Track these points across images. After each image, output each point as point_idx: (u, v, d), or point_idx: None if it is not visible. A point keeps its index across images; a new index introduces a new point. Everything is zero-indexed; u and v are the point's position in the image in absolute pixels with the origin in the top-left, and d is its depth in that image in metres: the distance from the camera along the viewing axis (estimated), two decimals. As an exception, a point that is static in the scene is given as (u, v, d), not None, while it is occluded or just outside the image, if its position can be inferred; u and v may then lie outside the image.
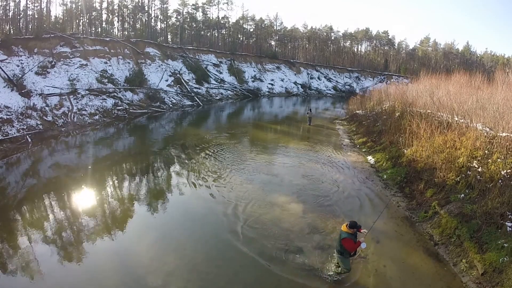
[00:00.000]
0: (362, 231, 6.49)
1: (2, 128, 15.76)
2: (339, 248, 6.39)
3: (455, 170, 9.73)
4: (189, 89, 37.01)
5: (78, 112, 21.59)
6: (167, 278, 6.37)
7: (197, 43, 56.95)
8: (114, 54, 31.96)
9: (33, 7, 38.00)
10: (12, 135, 15.86)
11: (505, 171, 8.30)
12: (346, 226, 6.32)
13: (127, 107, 26.16)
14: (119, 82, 28.79)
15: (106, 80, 27.58)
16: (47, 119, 19.04)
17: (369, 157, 15.63)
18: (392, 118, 17.61)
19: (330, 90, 63.87)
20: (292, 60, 65.90)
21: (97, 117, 22.48)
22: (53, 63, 24.57)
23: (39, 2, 37.89)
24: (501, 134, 9.37)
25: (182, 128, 23.94)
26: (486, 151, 9.33)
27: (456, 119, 11.91)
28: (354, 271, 6.76)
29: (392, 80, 61.17)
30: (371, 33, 78.52)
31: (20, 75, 20.46)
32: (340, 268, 6.55)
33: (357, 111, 27.16)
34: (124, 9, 51.34)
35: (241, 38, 66.91)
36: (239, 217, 9.01)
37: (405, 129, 14.18)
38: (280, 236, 8.06)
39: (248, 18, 67.47)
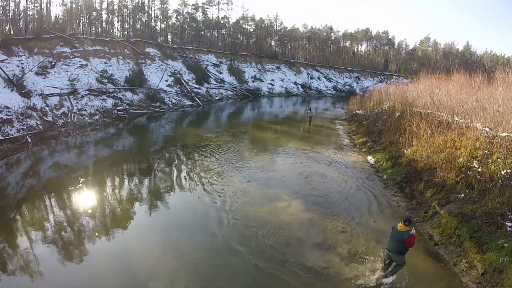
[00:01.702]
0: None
1: (2, 128, 15.75)
2: (399, 249, 6.23)
3: (455, 170, 9.73)
4: (189, 89, 37.02)
5: (78, 112, 21.59)
6: (167, 278, 6.36)
7: (197, 43, 56.94)
8: (114, 54, 31.96)
9: (33, 7, 38.08)
10: (12, 135, 15.86)
11: (505, 171, 8.30)
12: (403, 224, 6.20)
13: (127, 107, 26.16)
14: (119, 82, 28.79)
15: (106, 80, 27.59)
16: (47, 119, 19.04)
17: (369, 157, 15.63)
18: (392, 118, 17.61)
19: (330, 90, 63.89)
20: (292, 60, 65.93)
21: (97, 117, 22.48)
22: (53, 63, 24.56)
23: (39, 2, 37.96)
24: (501, 134, 9.37)
25: (182, 128, 23.94)
26: (486, 151, 9.33)
27: (456, 119, 11.91)
28: (353, 271, 6.76)
29: (392, 80, 61.18)
30: (371, 33, 78.59)
31: (20, 75, 20.45)
32: (395, 267, 6.49)
33: (357, 111, 27.16)
34: (124, 9, 51.39)
35: (241, 38, 66.97)
36: (239, 217, 9.01)
37: (405, 129, 14.18)
38: (280, 236, 8.06)
39: (248, 18, 67.57)
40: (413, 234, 6.20)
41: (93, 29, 45.26)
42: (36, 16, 38.05)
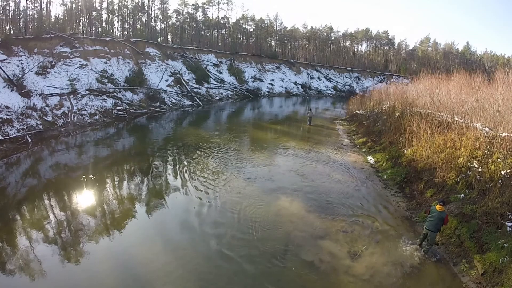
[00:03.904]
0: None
1: (2, 128, 15.75)
2: (438, 227, 7.32)
3: (455, 170, 9.73)
4: (189, 89, 37.00)
5: (78, 112, 21.59)
6: (167, 278, 6.37)
7: (197, 43, 56.95)
8: (114, 54, 31.93)
9: (33, 7, 38.07)
10: (12, 135, 15.85)
11: (505, 171, 8.30)
12: (441, 205, 7.37)
13: (127, 107, 26.15)
14: (119, 82, 28.78)
15: (106, 80, 27.56)
16: (47, 119, 19.04)
17: (369, 157, 15.63)
18: (392, 118, 17.61)
19: (330, 90, 63.88)
20: (292, 60, 65.91)
21: (97, 117, 22.47)
22: (53, 63, 24.55)
23: (39, 2, 37.95)
24: (501, 134, 9.37)
25: (182, 128, 23.93)
26: (486, 151, 9.33)
27: (456, 119, 11.91)
28: (353, 271, 6.77)
29: (392, 80, 61.19)
30: (371, 33, 78.57)
31: (20, 75, 20.44)
32: (429, 240, 7.46)
33: (357, 111, 27.16)
34: (124, 9, 51.38)
35: (241, 38, 66.91)
36: (239, 216, 9.02)
37: (405, 129, 14.17)
38: (280, 235, 8.06)
39: (248, 18, 67.53)
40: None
41: (93, 29, 45.25)
42: (36, 16, 38.03)
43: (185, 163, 13.89)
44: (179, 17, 60.64)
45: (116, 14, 50.72)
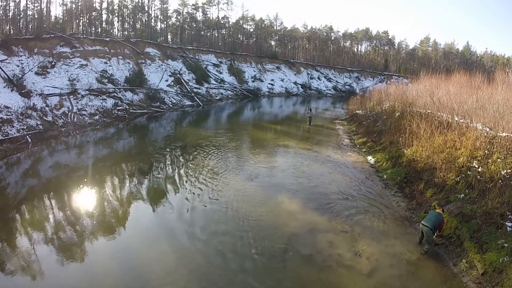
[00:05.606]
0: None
1: (2, 128, 15.75)
2: (435, 225, 7.49)
3: (455, 170, 9.73)
4: (189, 89, 37.00)
5: (78, 112, 21.59)
6: (168, 278, 6.37)
7: (197, 43, 56.96)
8: (114, 54, 31.93)
9: (33, 7, 38.10)
10: (12, 135, 15.85)
11: (505, 171, 8.30)
12: (440, 209, 7.80)
13: (127, 107, 26.15)
14: (119, 82, 28.78)
15: (106, 80, 27.57)
16: (47, 119, 19.04)
17: (369, 157, 15.63)
18: (392, 118, 17.61)
19: (330, 90, 63.89)
20: (292, 60, 65.92)
21: (97, 117, 22.47)
22: (53, 63, 24.55)
23: (39, 2, 37.98)
24: (501, 134, 9.37)
25: (182, 128, 23.93)
26: (486, 151, 9.33)
27: (456, 119, 11.91)
28: (354, 271, 6.77)
29: (392, 80, 61.17)
30: (371, 33, 78.62)
31: (20, 75, 20.45)
32: (427, 240, 7.62)
33: (357, 111, 27.16)
34: (124, 9, 51.41)
35: (241, 38, 66.95)
36: (239, 216, 9.02)
37: (405, 129, 14.17)
38: (279, 235, 8.06)
39: (248, 18, 67.57)
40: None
41: (93, 29, 45.27)
42: (36, 16, 38.07)
43: (186, 162, 13.88)
44: (179, 17, 60.73)
45: (116, 14, 50.77)
